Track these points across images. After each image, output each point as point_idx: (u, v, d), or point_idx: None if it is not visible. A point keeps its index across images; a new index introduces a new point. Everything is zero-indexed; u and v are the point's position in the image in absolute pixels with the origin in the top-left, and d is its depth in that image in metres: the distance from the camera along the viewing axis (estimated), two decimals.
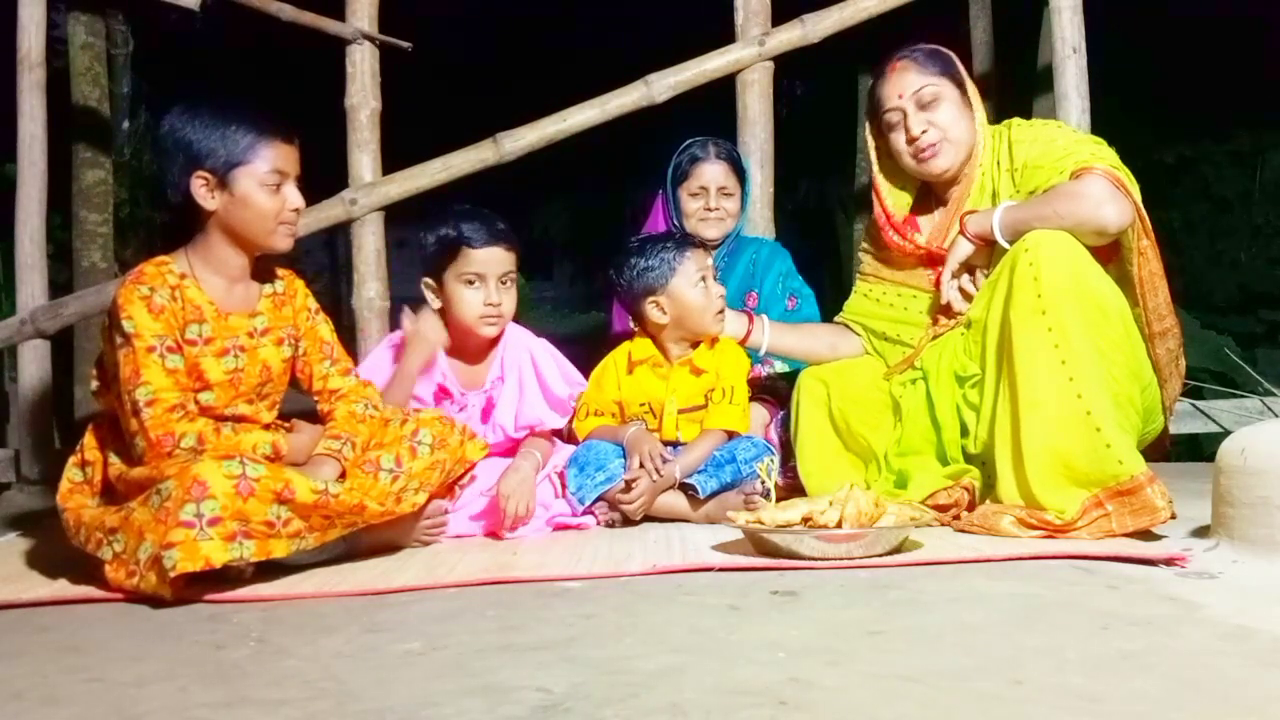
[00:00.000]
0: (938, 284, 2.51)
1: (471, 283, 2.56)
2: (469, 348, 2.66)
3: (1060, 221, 2.24)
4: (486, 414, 2.64)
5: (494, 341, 2.67)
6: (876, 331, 2.67)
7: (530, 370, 2.65)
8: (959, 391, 2.41)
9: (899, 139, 2.51)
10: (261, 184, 2.14)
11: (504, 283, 2.58)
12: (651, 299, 2.67)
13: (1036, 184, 2.36)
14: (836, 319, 2.78)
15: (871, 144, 2.62)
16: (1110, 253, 2.32)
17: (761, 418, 2.80)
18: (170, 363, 2.07)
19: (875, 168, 2.62)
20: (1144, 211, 2.29)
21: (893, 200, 2.61)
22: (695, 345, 2.72)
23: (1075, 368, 2.14)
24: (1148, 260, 2.31)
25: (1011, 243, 2.31)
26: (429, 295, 2.64)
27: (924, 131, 2.46)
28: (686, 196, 3.06)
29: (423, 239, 2.62)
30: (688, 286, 2.65)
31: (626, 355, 2.74)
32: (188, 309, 2.13)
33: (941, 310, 2.51)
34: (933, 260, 2.55)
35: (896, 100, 2.49)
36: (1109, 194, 2.23)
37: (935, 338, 2.51)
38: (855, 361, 2.65)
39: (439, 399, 2.63)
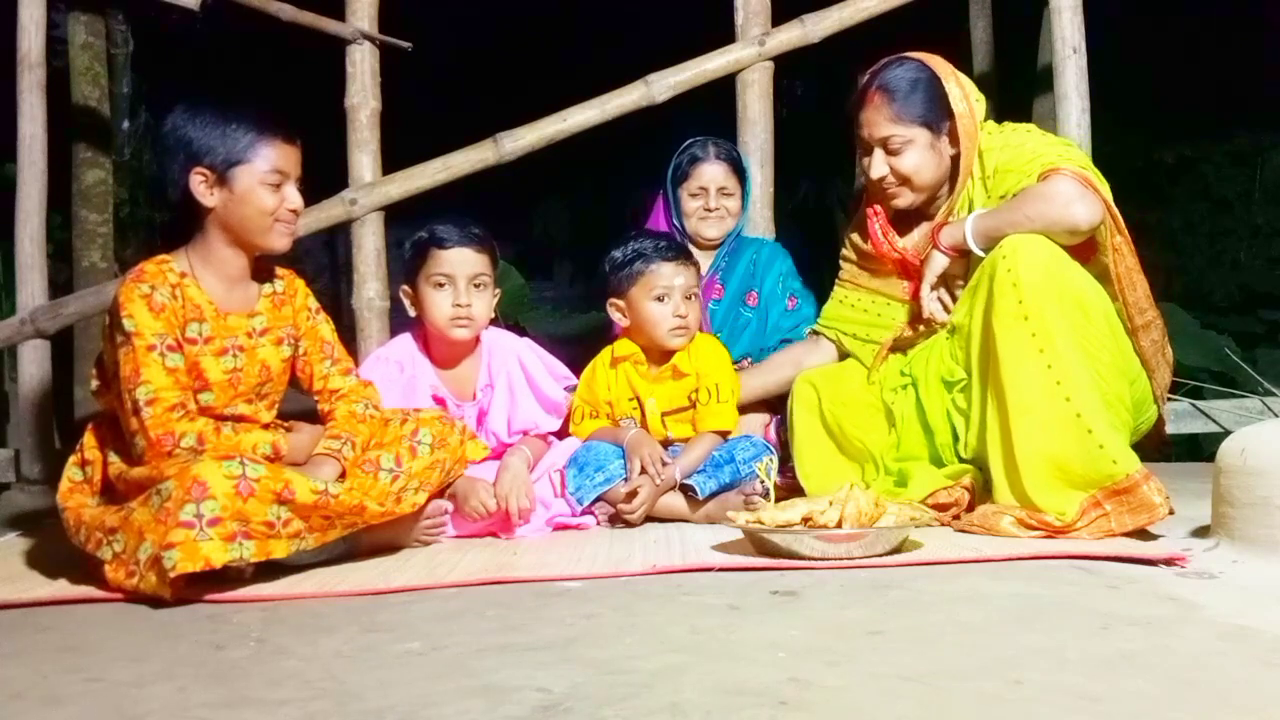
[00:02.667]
0: (913, 296, 2.52)
1: (441, 285, 2.54)
2: (449, 355, 2.64)
3: (1031, 224, 2.24)
4: (480, 421, 2.63)
5: (475, 347, 2.65)
6: (851, 335, 2.68)
7: (520, 374, 2.64)
8: (948, 397, 2.41)
9: (865, 164, 2.52)
10: (261, 182, 2.14)
11: (476, 285, 2.55)
12: (613, 301, 2.72)
13: (1006, 188, 2.36)
14: (811, 327, 2.80)
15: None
16: (1088, 251, 2.31)
17: (761, 418, 2.80)
18: (170, 362, 2.07)
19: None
20: (1114, 208, 2.29)
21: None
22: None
23: (1062, 371, 2.14)
24: (1123, 256, 2.31)
25: (986, 249, 2.31)
26: (405, 303, 2.63)
27: (882, 177, 2.47)
28: (686, 196, 3.06)
29: (404, 248, 2.62)
30: (644, 299, 2.67)
31: (610, 353, 2.76)
32: (188, 308, 2.13)
33: (921, 322, 2.52)
34: (907, 269, 2.56)
35: (865, 134, 2.49)
36: (1077, 193, 2.23)
37: (914, 334, 2.52)
38: (845, 365, 2.66)
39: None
